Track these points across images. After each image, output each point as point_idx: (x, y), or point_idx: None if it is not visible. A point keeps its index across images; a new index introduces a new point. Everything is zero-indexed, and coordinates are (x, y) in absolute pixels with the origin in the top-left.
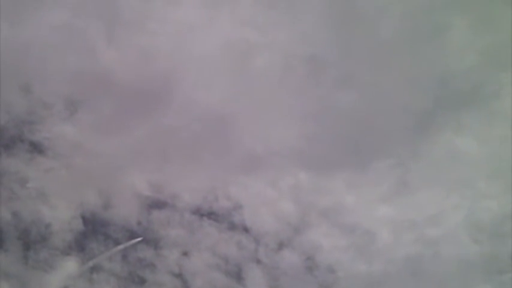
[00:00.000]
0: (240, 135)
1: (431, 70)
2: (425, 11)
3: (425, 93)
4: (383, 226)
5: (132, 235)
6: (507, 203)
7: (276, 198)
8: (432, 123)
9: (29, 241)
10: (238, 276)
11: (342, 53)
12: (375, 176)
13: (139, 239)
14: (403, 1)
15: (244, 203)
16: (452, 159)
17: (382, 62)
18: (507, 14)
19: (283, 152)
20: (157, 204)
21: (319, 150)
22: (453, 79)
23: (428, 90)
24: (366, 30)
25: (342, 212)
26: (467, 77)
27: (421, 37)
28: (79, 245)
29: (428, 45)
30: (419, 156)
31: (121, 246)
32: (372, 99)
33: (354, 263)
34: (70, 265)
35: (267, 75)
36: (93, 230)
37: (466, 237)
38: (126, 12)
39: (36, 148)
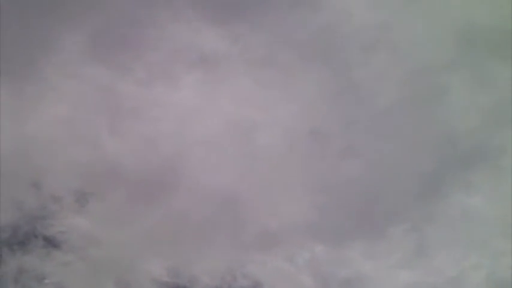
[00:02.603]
0: (251, 214)
1: (434, 132)
2: (422, 73)
3: (431, 156)
4: None
5: None
6: None
7: (294, 273)
8: (442, 184)
9: None
10: None
11: (343, 123)
12: (390, 242)
13: None
14: (400, 66)
15: (262, 281)
16: (466, 218)
17: (384, 129)
18: (505, 71)
19: (297, 226)
20: None
21: (332, 222)
22: (458, 139)
23: (434, 152)
24: (365, 98)
25: (362, 280)
26: (472, 135)
27: (421, 100)
28: None
29: (429, 108)
30: (432, 218)
31: None
32: (379, 166)
33: None
34: None
35: (271, 152)
36: None
37: None
38: (126, 101)
39: (51, 243)
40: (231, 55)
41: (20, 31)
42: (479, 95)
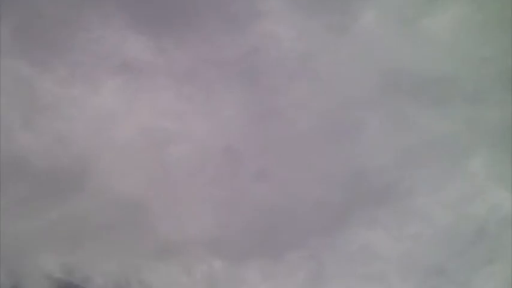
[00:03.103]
0: (155, 222)
1: (347, 165)
2: (342, 107)
3: (341, 189)
4: None
5: None
6: None
7: (190, 286)
8: (346, 217)
9: None
10: None
11: (259, 146)
12: (289, 267)
13: None
14: (321, 97)
15: None
16: (366, 253)
17: (298, 157)
18: (423, 116)
19: (198, 239)
20: (67, 287)
21: (233, 240)
22: (368, 175)
23: (344, 186)
24: (284, 124)
25: None
26: (382, 173)
27: (338, 133)
28: None
29: (344, 142)
30: (333, 249)
31: None
32: (287, 192)
33: None
34: None
35: (184, 164)
36: None
37: None
38: (43, 97)
39: None
40: (155, 66)
41: None
42: (394, 136)
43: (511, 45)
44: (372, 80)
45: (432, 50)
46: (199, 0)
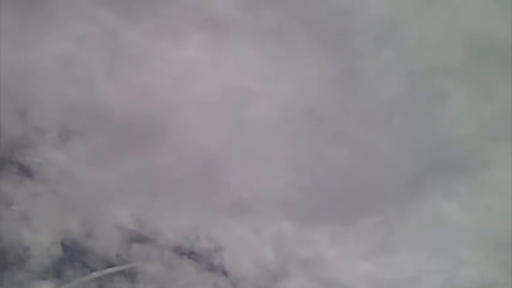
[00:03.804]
0: (229, 180)
1: (426, 134)
2: (426, 75)
3: (418, 157)
4: (361, 283)
5: (111, 266)
6: (487, 273)
7: (258, 245)
8: (421, 186)
9: (6, 262)
10: None
11: (340, 109)
12: (358, 233)
13: (117, 268)
14: (405, 64)
15: (225, 246)
16: (438, 224)
17: (378, 122)
18: (506, 85)
19: (270, 200)
20: (138, 238)
21: (306, 202)
22: (447, 146)
23: (421, 154)
24: (366, 89)
25: (322, 265)
26: (461, 144)
27: (419, 101)
28: (56, 271)
29: (425, 110)
30: (405, 217)
31: (97, 273)
32: (364, 158)
33: None
34: None
35: (263, 124)
36: (72, 257)
37: None
38: (130, 49)
39: (25, 171)
40: (241, 23)
41: None
42: (477, 106)
43: None
44: (458, 49)
45: None
46: None
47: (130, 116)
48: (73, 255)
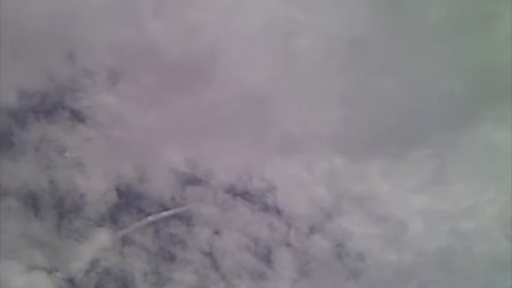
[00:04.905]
0: (278, 116)
1: (475, 60)
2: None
3: (468, 84)
4: (416, 216)
5: (165, 210)
6: None
7: (310, 182)
8: (473, 114)
9: (63, 210)
10: (267, 259)
11: (386, 36)
12: (411, 165)
13: (171, 211)
14: None
15: (278, 185)
16: (491, 152)
17: (426, 49)
18: None
19: (321, 135)
20: (192, 181)
21: (356, 136)
22: (497, 71)
23: (471, 81)
24: (412, 14)
25: (375, 200)
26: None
27: (467, 26)
28: (112, 217)
29: (474, 35)
30: (457, 147)
31: (153, 217)
32: (413, 86)
33: (384, 252)
34: (103, 236)
35: (309, 56)
36: (127, 203)
37: (499, 232)
38: None
39: (77, 116)
40: None
41: None
42: None
43: None
44: None
45: None
46: None
47: (178, 54)
48: (128, 200)
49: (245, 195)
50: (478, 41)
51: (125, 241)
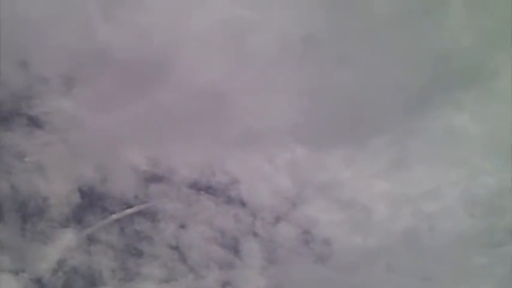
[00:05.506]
0: (237, 112)
1: (428, 48)
2: None
3: (423, 71)
4: (379, 201)
5: (129, 208)
6: (503, 179)
7: (273, 173)
8: (430, 101)
9: (27, 214)
10: (235, 249)
11: (337, 31)
12: (371, 152)
13: (135, 208)
14: None
15: (241, 178)
16: (450, 136)
17: (378, 40)
18: None
19: (280, 127)
20: (154, 178)
21: (315, 126)
22: (451, 57)
23: (426, 68)
24: (362, 8)
25: (338, 187)
26: (466, 55)
27: (417, 15)
28: (76, 218)
29: (425, 23)
30: (416, 133)
31: (117, 215)
32: (369, 77)
33: (350, 237)
34: (68, 237)
35: (263, 54)
36: (91, 203)
37: (462, 212)
38: None
39: (34, 122)
40: None
41: None
42: (479, 15)
43: None
44: None
45: None
46: None
47: (131, 57)
48: (91, 200)
49: (209, 190)
50: (431, 29)
51: (91, 240)
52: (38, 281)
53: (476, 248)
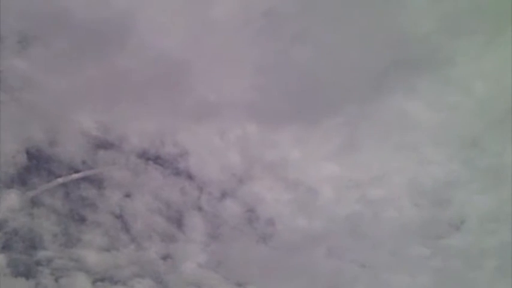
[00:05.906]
0: (193, 83)
1: (388, 32)
2: None
3: (380, 55)
4: (326, 183)
5: (76, 173)
6: (451, 171)
7: (223, 148)
8: (384, 85)
9: None
10: (178, 222)
11: (300, 8)
12: (323, 133)
13: (82, 174)
14: None
15: (190, 150)
16: (401, 122)
17: (339, 21)
18: None
19: (234, 102)
20: (103, 145)
21: (269, 104)
22: (409, 43)
23: (384, 52)
24: None
25: (286, 166)
26: (424, 42)
27: None
28: (21, 179)
29: (386, 7)
30: (368, 116)
31: (63, 179)
32: (327, 57)
33: (294, 218)
34: (11, 198)
35: (225, 26)
36: (37, 165)
37: (407, 201)
38: None
39: None
40: None
41: None
42: (437, 2)
43: None
44: None
45: None
46: None
47: (90, 19)
48: (38, 163)
49: (157, 160)
50: (393, 12)
51: (35, 203)
52: None
53: (417, 239)
